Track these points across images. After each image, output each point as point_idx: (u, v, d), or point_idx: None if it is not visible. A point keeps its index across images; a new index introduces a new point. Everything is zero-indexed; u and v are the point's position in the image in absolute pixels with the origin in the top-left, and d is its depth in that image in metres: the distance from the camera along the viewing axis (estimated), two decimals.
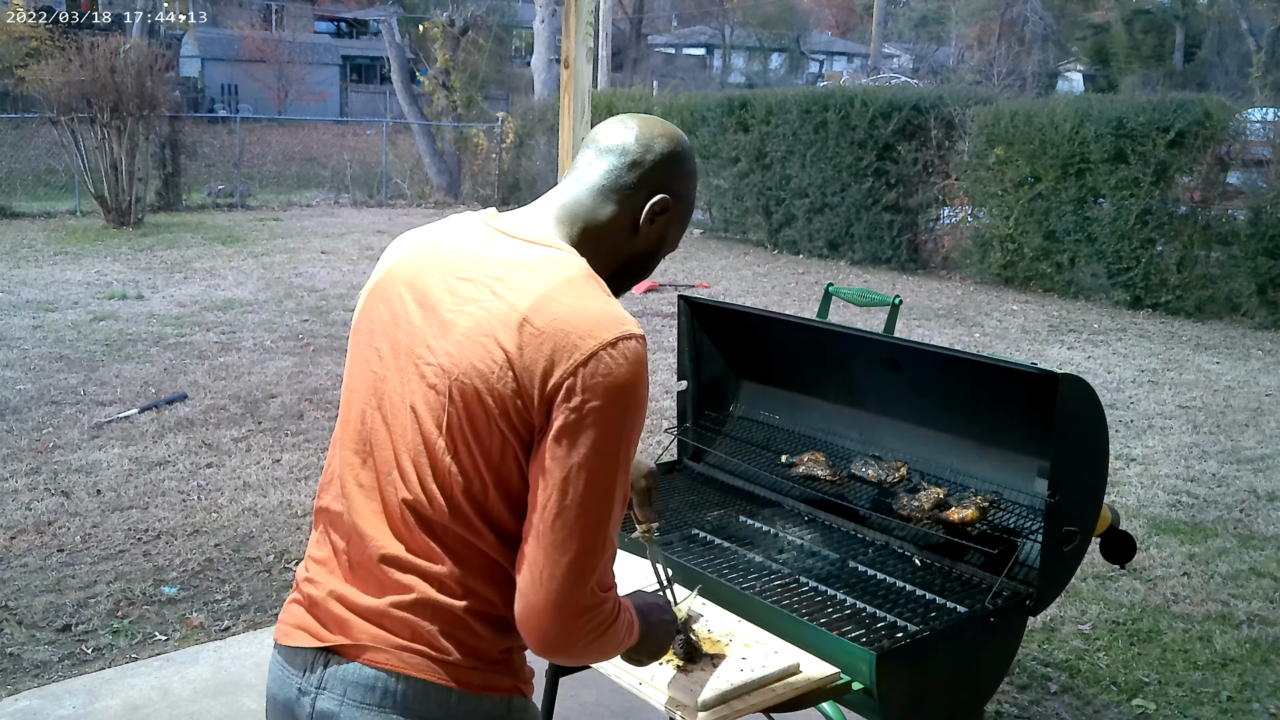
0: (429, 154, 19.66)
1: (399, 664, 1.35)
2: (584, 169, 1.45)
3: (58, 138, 14.27)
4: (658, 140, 1.46)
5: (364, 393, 1.44)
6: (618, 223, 1.44)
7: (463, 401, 1.31)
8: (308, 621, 1.43)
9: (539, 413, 1.29)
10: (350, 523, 1.42)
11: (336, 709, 1.37)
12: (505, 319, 1.30)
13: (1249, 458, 5.99)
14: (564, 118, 3.87)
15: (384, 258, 1.52)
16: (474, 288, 1.36)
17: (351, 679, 1.37)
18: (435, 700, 1.36)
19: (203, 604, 3.83)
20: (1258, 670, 3.60)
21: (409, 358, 1.38)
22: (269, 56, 32.35)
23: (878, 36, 33.41)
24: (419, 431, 1.35)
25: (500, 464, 1.33)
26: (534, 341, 1.28)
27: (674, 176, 1.46)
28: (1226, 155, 10.39)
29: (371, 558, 1.38)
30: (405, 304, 1.41)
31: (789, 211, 14.01)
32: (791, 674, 1.98)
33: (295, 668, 1.43)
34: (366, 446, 1.42)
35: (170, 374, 6.88)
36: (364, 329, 1.47)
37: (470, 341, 1.32)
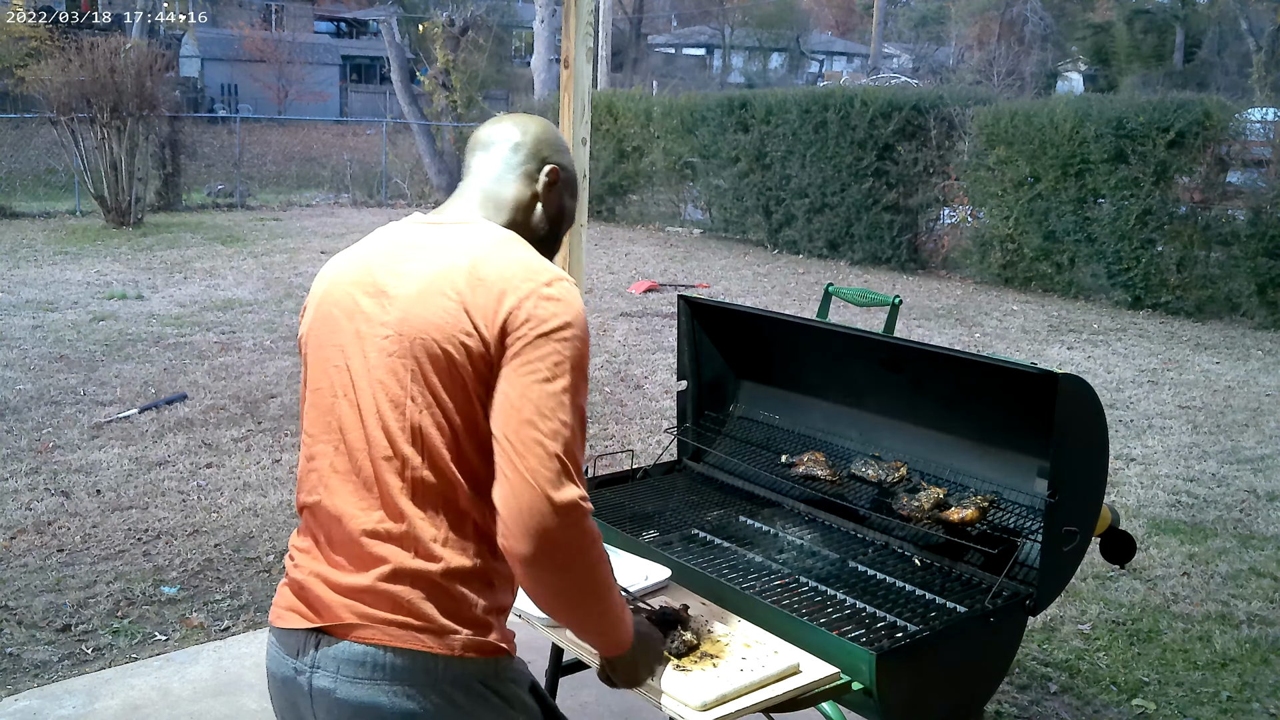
0: (429, 154, 19.66)
1: (385, 638, 1.42)
2: (479, 165, 1.64)
3: (58, 138, 14.26)
4: (530, 124, 1.66)
5: (330, 387, 1.53)
6: (522, 198, 1.62)
7: (425, 355, 1.42)
8: (296, 604, 1.52)
9: (494, 349, 1.40)
10: (329, 506, 1.50)
11: (332, 686, 1.45)
12: (452, 271, 1.44)
13: (1249, 458, 5.99)
14: (564, 118, 3.87)
15: (320, 278, 1.63)
16: (415, 264, 1.48)
17: (343, 656, 1.44)
18: (424, 668, 1.42)
19: (203, 604, 3.83)
20: (1258, 670, 3.60)
21: (368, 340, 1.48)
22: (269, 56, 32.35)
23: (878, 36, 33.43)
24: (387, 399, 1.44)
25: (467, 408, 1.42)
26: (480, 287, 1.41)
27: (553, 149, 1.65)
28: (1226, 155, 10.39)
29: (351, 535, 1.47)
30: (355, 300, 1.51)
31: (789, 211, 14.01)
32: (791, 674, 1.98)
33: (289, 648, 1.51)
34: (338, 434, 1.50)
35: (170, 374, 6.88)
36: (318, 336, 1.56)
37: (421, 301, 1.43)
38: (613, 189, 16.96)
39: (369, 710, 1.42)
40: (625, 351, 8.10)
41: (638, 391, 7.01)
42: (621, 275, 11.76)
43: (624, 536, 2.56)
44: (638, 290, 10.77)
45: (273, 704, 1.60)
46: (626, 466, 3.23)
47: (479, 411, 1.42)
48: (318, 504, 1.52)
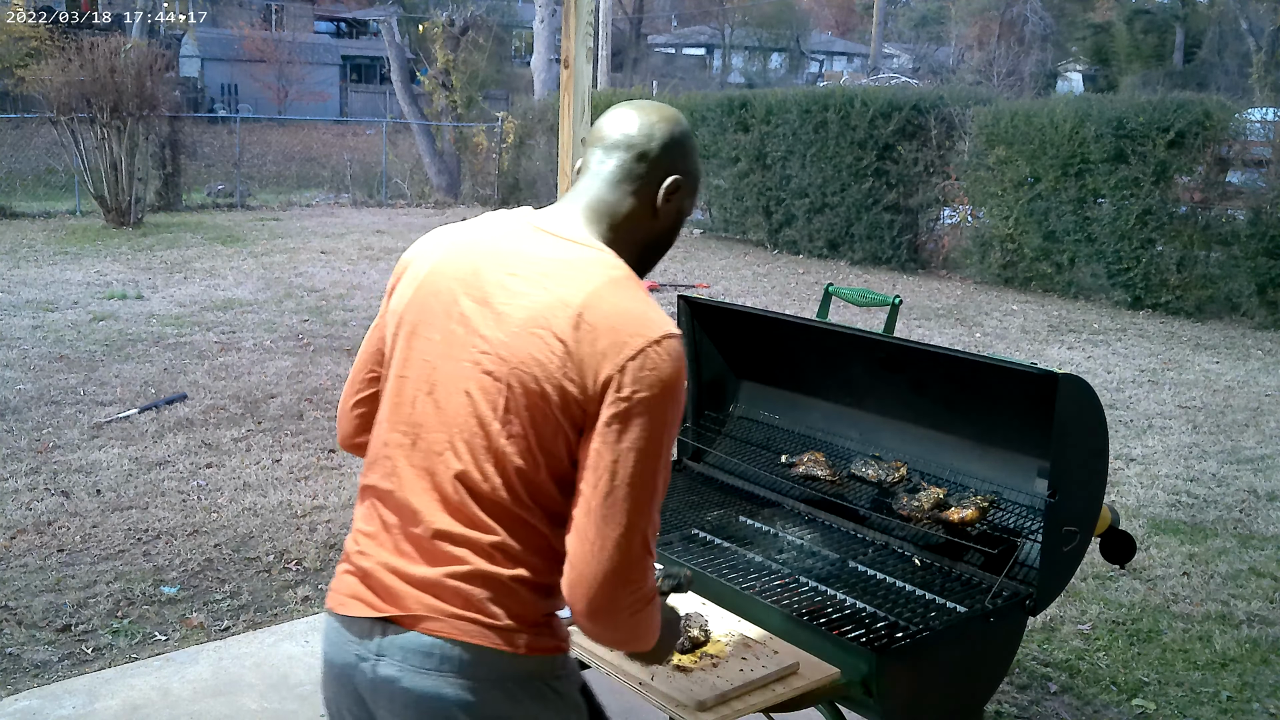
0: (429, 154, 19.66)
1: (454, 631, 1.44)
2: (597, 166, 1.56)
3: (58, 138, 14.26)
4: (657, 127, 1.56)
5: (416, 379, 1.52)
6: (638, 211, 1.55)
7: (521, 388, 1.42)
8: (362, 591, 1.52)
9: (592, 401, 1.40)
10: (401, 499, 1.51)
11: (398, 674, 1.46)
12: (559, 313, 1.41)
13: (1249, 458, 5.99)
14: (564, 118, 3.86)
15: (419, 253, 1.61)
16: (525, 282, 1.46)
17: (410, 646, 1.46)
18: (488, 663, 1.45)
19: (203, 604, 3.82)
20: (1258, 670, 3.60)
21: (463, 347, 1.47)
22: (269, 56, 32.35)
23: (878, 36, 33.43)
24: (474, 414, 1.45)
25: (551, 445, 1.43)
26: (589, 335, 1.39)
27: (679, 156, 1.57)
28: (1226, 155, 10.39)
29: (424, 532, 1.48)
30: (457, 298, 1.50)
31: (789, 211, 14.01)
32: (791, 674, 1.98)
33: (353, 635, 1.52)
34: (416, 429, 1.51)
35: (170, 374, 6.88)
36: (412, 320, 1.54)
37: (526, 333, 1.42)
38: None
39: (432, 700, 1.45)
40: None
41: None
42: None
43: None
44: None
45: (324, 690, 1.60)
46: None
47: (564, 452, 1.44)
48: (390, 493, 1.53)
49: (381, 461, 1.55)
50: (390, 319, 1.59)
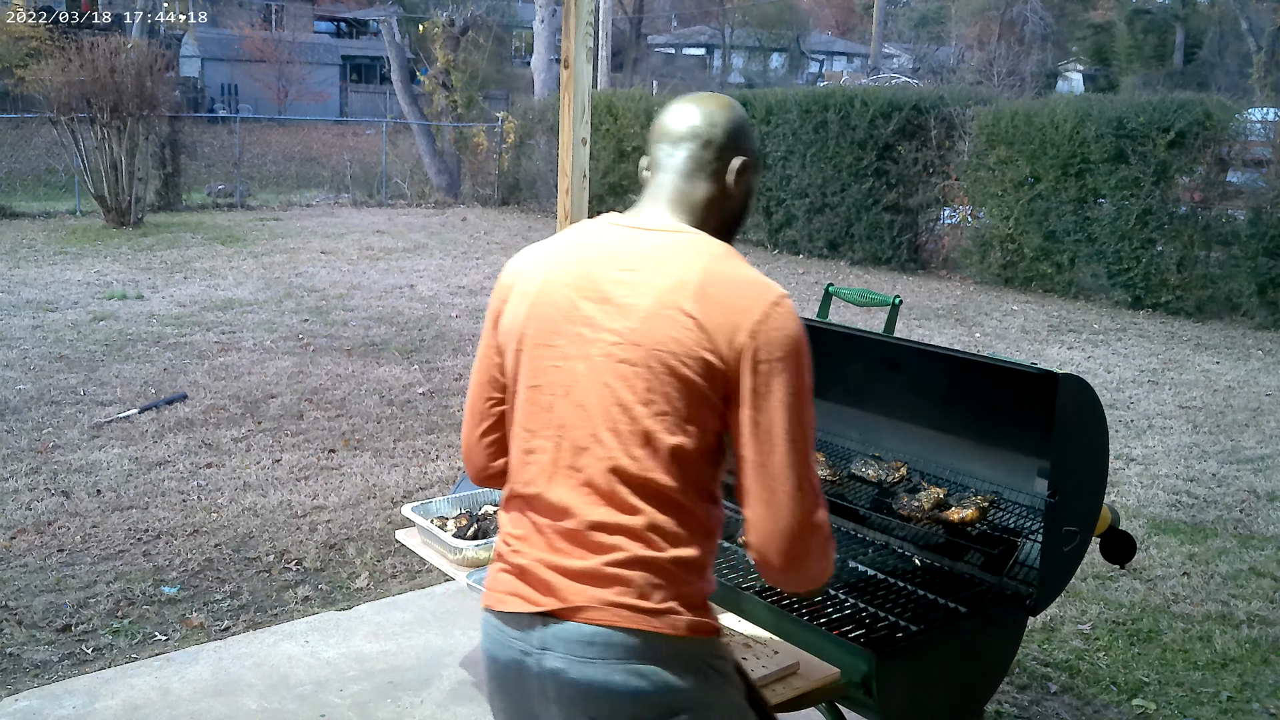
0: (429, 154, 19.65)
1: (615, 618, 1.48)
2: (668, 160, 1.65)
3: (58, 138, 14.26)
4: (718, 114, 1.65)
5: (549, 385, 1.57)
6: (714, 194, 1.64)
7: (661, 366, 1.48)
8: (520, 588, 1.57)
9: (732, 368, 1.47)
10: (551, 500, 1.55)
11: (563, 666, 1.50)
12: (682, 290, 1.49)
13: (1249, 458, 5.99)
14: (564, 118, 3.86)
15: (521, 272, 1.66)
16: (638, 274, 1.53)
17: (572, 636, 1.50)
18: (651, 646, 1.49)
19: (203, 604, 3.82)
20: (1258, 670, 3.60)
21: (593, 344, 1.53)
22: (269, 56, 32.34)
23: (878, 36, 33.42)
24: (617, 403, 1.50)
25: (698, 417, 1.49)
26: (715, 307, 1.47)
27: (742, 139, 1.66)
28: (1227, 155, 10.39)
29: (578, 525, 1.52)
30: (575, 303, 1.56)
31: (789, 211, 14.01)
32: (791, 674, 1.98)
33: (514, 631, 1.56)
34: (558, 431, 1.56)
35: (170, 374, 6.88)
36: (533, 333, 1.59)
37: (655, 316, 1.49)
38: (613, 189, 16.96)
39: (601, 688, 1.48)
40: None
41: None
42: None
43: None
44: None
45: (489, 687, 1.64)
46: None
47: (712, 423, 1.50)
48: (538, 496, 1.57)
49: (525, 468, 1.60)
50: (506, 339, 1.64)
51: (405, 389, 6.80)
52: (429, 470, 5.32)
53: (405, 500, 4.78)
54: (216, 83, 33.25)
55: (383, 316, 9.01)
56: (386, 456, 5.51)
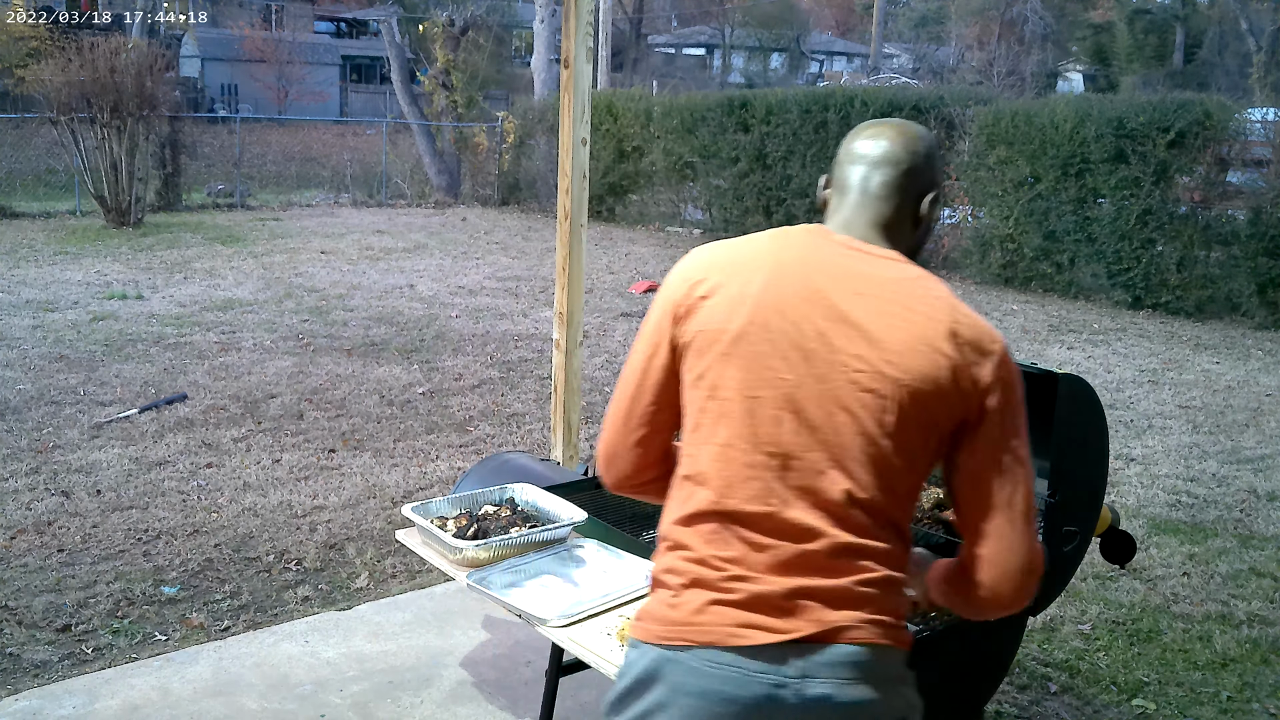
0: (429, 154, 19.66)
1: (870, 636, 1.49)
2: (863, 183, 1.63)
3: (58, 138, 14.26)
4: (919, 143, 1.65)
5: (772, 399, 1.52)
6: (906, 223, 1.64)
7: (911, 402, 1.48)
8: (757, 619, 1.48)
9: (974, 408, 1.50)
10: (784, 520, 1.50)
11: (830, 691, 1.46)
12: (936, 330, 1.49)
13: (1249, 458, 5.99)
14: (564, 118, 3.86)
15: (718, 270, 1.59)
16: (879, 301, 1.52)
17: (837, 660, 1.47)
18: (893, 662, 1.52)
19: (203, 604, 3.82)
20: (1258, 670, 3.60)
21: (830, 365, 1.50)
22: (269, 56, 32.35)
23: (878, 36, 33.42)
24: (860, 432, 1.49)
25: (930, 455, 1.53)
26: (965, 349, 1.50)
27: (936, 170, 1.66)
28: (1227, 155, 10.39)
29: (821, 548, 1.49)
30: (807, 316, 1.52)
31: (789, 211, 14.01)
32: None
33: (761, 664, 1.47)
34: (786, 449, 1.51)
35: (170, 374, 6.88)
36: (754, 343, 1.53)
37: (912, 351, 1.48)
38: (613, 189, 16.96)
39: (865, 706, 1.48)
40: (625, 351, 8.09)
41: None
42: (621, 275, 11.77)
43: (624, 536, 2.56)
44: (638, 290, 10.77)
45: None
46: None
47: (935, 460, 1.54)
48: (767, 515, 1.51)
49: (745, 484, 1.52)
50: (701, 339, 1.56)
51: (405, 389, 6.80)
52: (429, 470, 5.32)
53: (405, 500, 4.78)
54: (216, 83, 33.25)
55: (383, 316, 9.02)
56: (386, 456, 5.51)
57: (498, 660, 3.40)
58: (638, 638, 1.56)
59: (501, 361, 7.64)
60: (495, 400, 6.65)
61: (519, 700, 3.16)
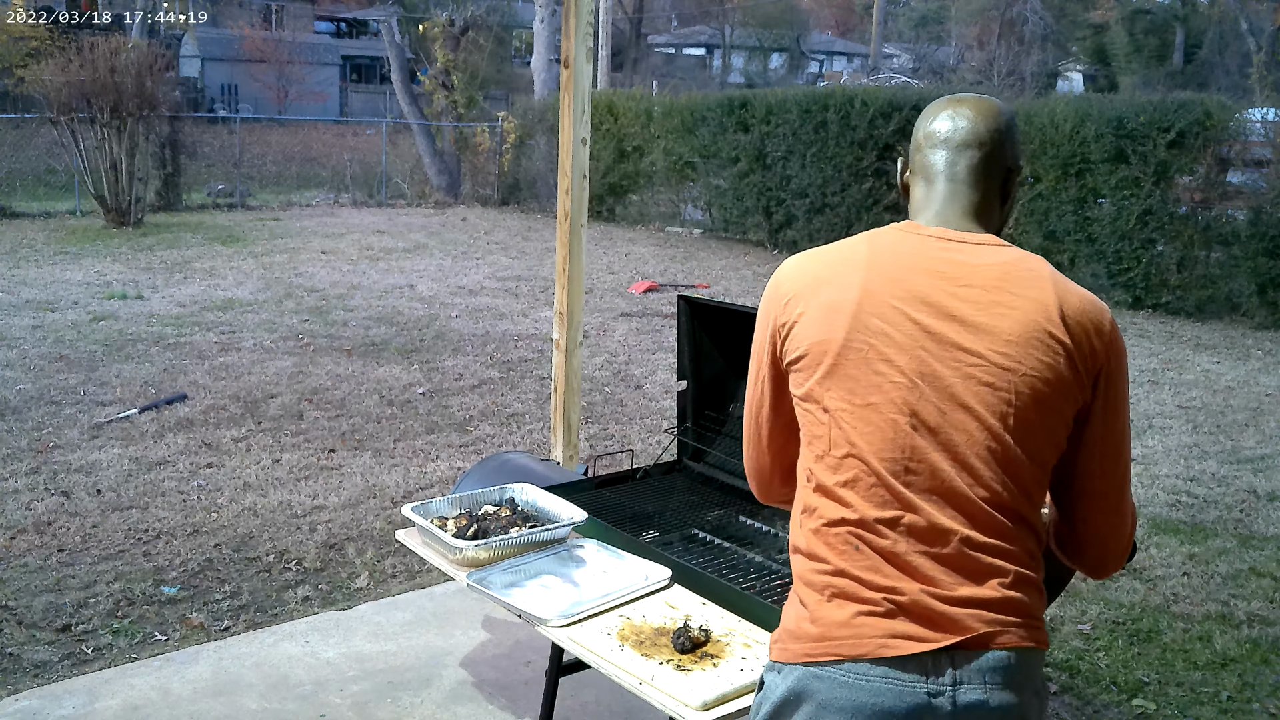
0: (429, 154, 19.65)
1: (1017, 640, 1.48)
2: (950, 169, 1.61)
3: (58, 138, 14.25)
4: (999, 119, 1.62)
5: (886, 405, 1.50)
6: (995, 203, 1.63)
7: (1030, 394, 1.47)
8: (905, 628, 1.46)
9: (1088, 388, 1.50)
10: (913, 523, 1.48)
11: (984, 696, 1.46)
12: (1045, 316, 1.48)
13: (1249, 458, 5.99)
14: (564, 118, 3.86)
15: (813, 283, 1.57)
16: (984, 292, 1.50)
17: (989, 665, 1.46)
18: (1036, 662, 1.52)
19: (203, 604, 3.83)
20: (1258, 670, 3.60)
21: (942, 363, 1.49)
22: (269, 56, 32.34)
23: (878, 36, 33.43)
24: (983, 428, 1.48)
25: (1057, 441, 1.52)
26: (1077, 330, 1.49)
27: (1017, 148, 1.65)
28: (1227, 155, 10.39)
29: (956, 551, 1.48)
30: (911, 317, 1.50)
31: (789, 211, 14.01)
32: None
33: (914, 674, 1.45)
34: (908, 453, 1.49)
35: (170, 374, 6.88)
36: (858, 346, 1.51)
37: (1025, 341, 1.47)
38: (613, 189, 16.96)
39: (1013, 709, 1.48)
40: (625, 351, 8.10)
41: (638, 391, 7.01)
42: (621, 275, 11.77)
43: (624, 536, 2.56)
44: (638, 290, 10.77)
45: None
46: (626, 466, 3.23)
47: (1063, 441, 1.53)
48: (895, 520, 1.48)
49: (870, 492, 1.50)
50: (810, 353, 1.54)
51: (405, 389, 6.80)
52: (429, 470, 5.32)
53: (405, 500, 4.78)
54: (216, 83, 33.25)
55: (383, 316, 9.02)
56: (386, 456, 5.51)
57: (498, 660, 3.40)
58: (779, 660, 1.54)
59: (501, 361, 7.64)
60: (495, 400, 6.65)
61: (519, 700, 3.16)
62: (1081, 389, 1.49)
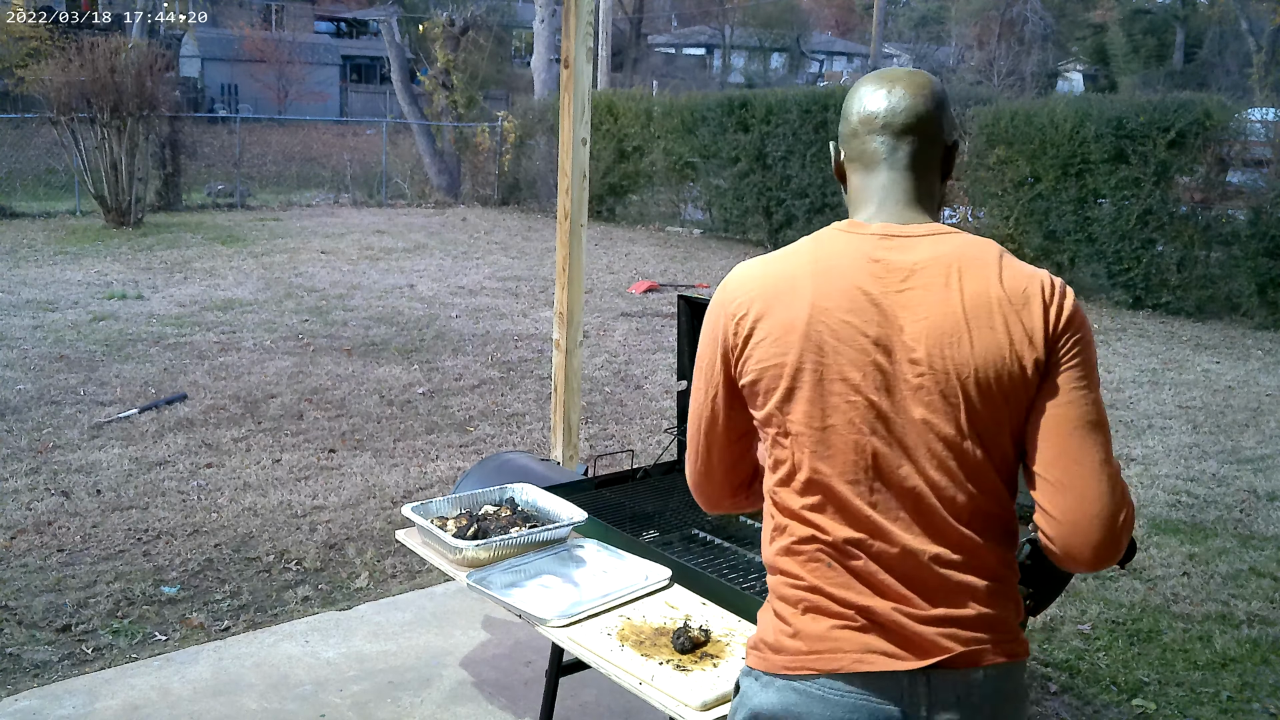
0: (429, 154, 19.66)
1: (994, 655, 1.45)
2: (892, 156, 1.53)
3: (58, 138, 14.25)
4: (934, 96, 1.53)
5: (847, 426, 1.45)
6: (938, 182, 1.58)
7: (977, 393, 1.41)
8: (880, 645, 1.45)
9: (1044, 364, 1.42)
10: (885, 542, 1.45)
11: (958, 715, 1.44)
12: (988, 301, 1.42)
13: (1249, 458, 5.99)
14: (564, 118, 3.86)
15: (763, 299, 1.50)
16: (927, 292, 1.44)
17: (965, 686, 1.44)
18: (1014, 677, 1.48)
19: (203, 604, 3.83)
20: (1258, 670, 3.60)
21: (894, 378, 1.43)
22: (269, 56, 32.35)
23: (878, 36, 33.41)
24: (939, 439, 1.42)
25: (1016, 430, 1.44)
26: (1017, 308, 1.42)
27: (950, 119, 1.57)
28: (1227, 155, 10.39)
29: (920, 569, 1.44)
30: (862, 331, 1.44)
31: (789, 211, 14.02)
32: None
33: (890, 694, 1.44)
34: (870, 473, 1.45)
35: (170, 374, 6.88)
36: (810, 366, 1.46)
37: (966, 335, 1.41)
38: (613, 189, 16.96)
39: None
40: (625, 351, 8.10)
41: (638, 391, 7.01)
42: (621, 275, 11.77)
43: (624, 536, 2.56)
44: (638, 290, 10.77)
45: None
46: (626, 466, 3.23)
47: (1019, 430, 1.45)
48: (861, 541, 1.45)
49: (838, 513, 1.47)
50: (765, 376, 1.49)
51: (405, 389, 6.80)
52: (429, 470, 5.32)
53: (405, 500, 4.79)
54: (216, 83, 33.25)
55: (383, 316, 9.02)
56: (386, 456, 5.51)
57: (498, 660, 3.40)
58: (756, 667, 1.52)
59: (501, 361, 7.64)
60: (495, 400, 6.65)
61: (519, 700, 3.16)
62: (1031, 369, 1.41)
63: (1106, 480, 1.42)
